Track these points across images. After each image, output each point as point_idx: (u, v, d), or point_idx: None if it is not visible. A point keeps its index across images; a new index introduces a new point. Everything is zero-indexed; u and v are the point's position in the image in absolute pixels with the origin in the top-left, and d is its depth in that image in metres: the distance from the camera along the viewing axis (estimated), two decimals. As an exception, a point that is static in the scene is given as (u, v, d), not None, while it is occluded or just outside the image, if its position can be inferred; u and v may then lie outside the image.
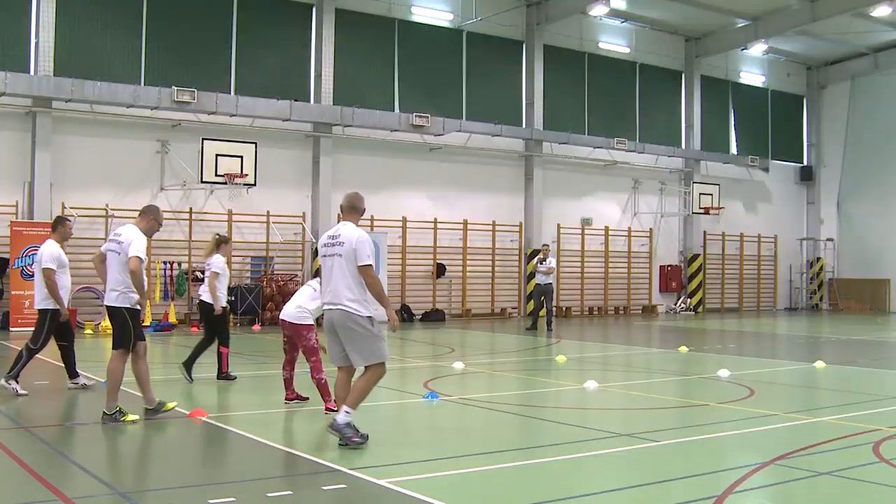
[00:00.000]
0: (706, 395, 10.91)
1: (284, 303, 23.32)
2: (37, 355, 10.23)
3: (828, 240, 35.09)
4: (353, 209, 7.46)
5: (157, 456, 7.42)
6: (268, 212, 22.90)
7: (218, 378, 11.16)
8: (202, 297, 11.26)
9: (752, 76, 33.75)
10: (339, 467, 6.42)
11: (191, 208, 22.02)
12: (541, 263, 21.37)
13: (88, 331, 18.91)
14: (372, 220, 24.42)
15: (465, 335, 20.39)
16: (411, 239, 25.28)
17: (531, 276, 24.35)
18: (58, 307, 9.97)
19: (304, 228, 23.60)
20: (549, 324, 21.43)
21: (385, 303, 7.22)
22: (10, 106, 19.85)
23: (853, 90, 34.32)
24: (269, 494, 5.69)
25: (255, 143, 21.62)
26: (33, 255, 19.06)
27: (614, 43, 29.77)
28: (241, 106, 21.93)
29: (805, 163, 35.76)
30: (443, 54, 26.37)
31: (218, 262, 11.12)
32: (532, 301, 22.97)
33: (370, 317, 7.10)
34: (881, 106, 33.50)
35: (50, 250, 9.98)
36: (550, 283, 21.43)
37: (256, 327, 21.06)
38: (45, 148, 19.99)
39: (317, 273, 8.95)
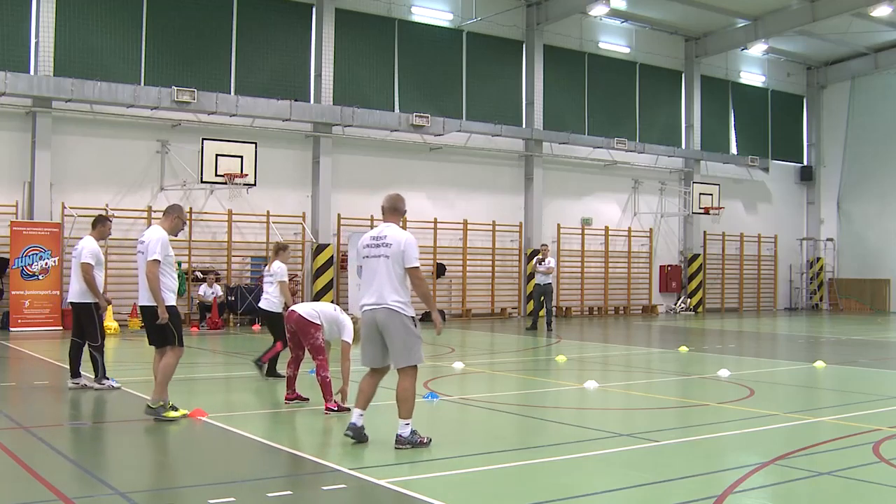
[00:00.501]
0: (706, 395, 10.91)
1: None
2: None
3: (828, 240, 35.09)
4: (395, 210, 7.46)
5: (158, 456, 7.41)
6: (268, 212, 22.90)
7: (254, 362, 11.34)
8: (262, 306, 11.57)
9: (751, 76, 33.75)
10: (339, 467, 6.42)
11: (191, 208, 22.00)
12: (540, 263, 21.37)
13: (88, 331, 18.89)
14: (372, 220, 24.42)
15: (465, 335, 20.38)
16: (411, 239, 25.23)
17: (531, 276, 24.34)
18: (97, 300, 10.16)
19: (304, 228, 23.59)
20: (549, 324, 21.43)
21: (431, 305, 7.28)
22: (10, 106, 19.85)
23: (853, 90, 34.33)
24: (269, 494, 5.69)
25: (255, 143, 21.62)
26: (33, 255, 19.16)
27: (614, 43, 29.77)
28: (241, 106, 21.94)
29: (805, 163, 35.77)
30: (443, 54, 26.37)
31: (283, 270, 11.49)
32: (532, 301, 22.98)
33: (413, 317, 7.15)
34: (881, 106, 33.52)
35: (90, 246, 10.17)
36: (550, 283, 21.43)
37: (256, 327, 21.03)
38: (45, 148, 20.00)
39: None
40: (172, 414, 8.29)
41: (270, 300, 11.40)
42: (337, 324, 9.08)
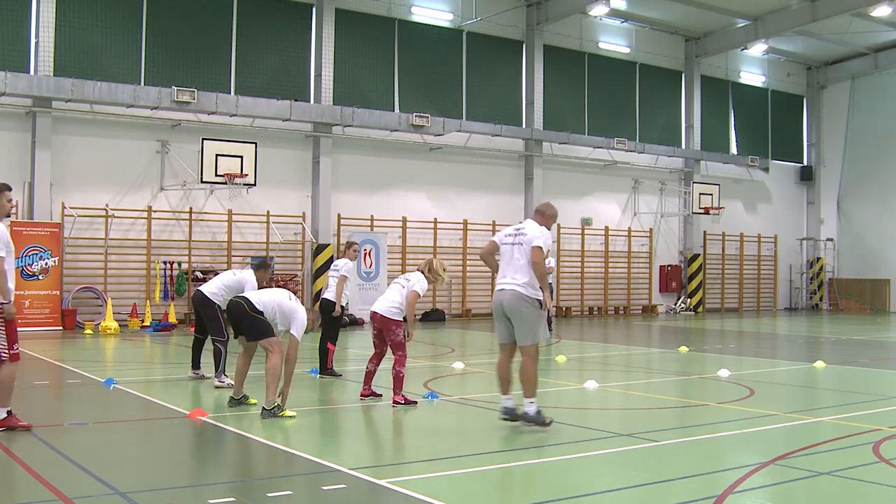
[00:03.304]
0: (706, 395, 10.90)
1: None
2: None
3: (828, 240, 35.09)
4: (539, 213, 8.22)
5: (157, 456, 7.41)
6: (268, 212, 22.89)
7: (321, 373, 11.51)
8: (325, 296, 11.80)
9: (751, 76, 33.75)
10: (339, 467, 6.41)
11: (191, 208, 22.01)
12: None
13: (88, 331, 18.90)
14: (372, 220, 24.44)
15: (465, 335, 20.39)
16: (411, 239, 25.27)
17: (531, 276, 24.31)
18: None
19: (303, 228, 23.59)
20: (548, 324, 21.42)
21: (544, 285, 7.86)
22: (10, 106, 19.84)
23: (853, 90, 34.32)
24: (269, 494, 5.69)
25: (255, 143, 21.61)
26: (33, 255, 19.15)
27: (614, 43, 29.77)
28: (241, 106, 21.93)
29: (805, 163, 35.77)
30: (443, 54, 26.37)
31: (347, 265, 11.80)
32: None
33: (540, 300, 7.76)
34: (881, 106, 33.51)
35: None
36: (550, 284, 21.39)
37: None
38: (45, 148, 19.99)
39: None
40: (288, 413, 8.37)
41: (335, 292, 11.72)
42: None
